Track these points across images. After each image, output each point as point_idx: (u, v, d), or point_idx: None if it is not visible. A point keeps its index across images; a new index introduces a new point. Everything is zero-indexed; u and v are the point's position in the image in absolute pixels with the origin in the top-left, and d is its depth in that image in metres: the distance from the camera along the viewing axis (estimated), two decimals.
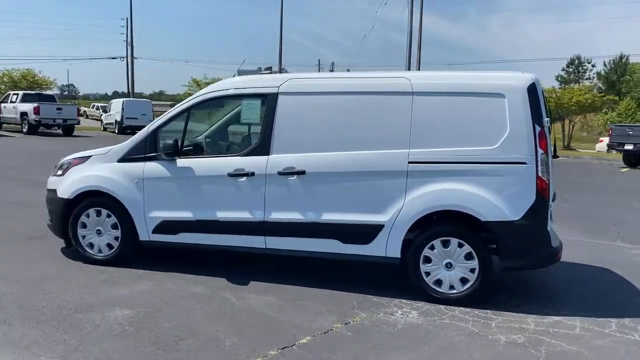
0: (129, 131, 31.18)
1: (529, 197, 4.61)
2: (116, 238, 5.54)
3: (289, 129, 5.07)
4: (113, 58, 62.11)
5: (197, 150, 5.50)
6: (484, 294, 4.80)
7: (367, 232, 4.90)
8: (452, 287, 4.79)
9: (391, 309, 4.64)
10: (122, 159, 5.50)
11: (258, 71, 42.29)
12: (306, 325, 4.23)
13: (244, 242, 5.23)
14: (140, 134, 5.51)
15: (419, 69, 30.27)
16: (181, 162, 5.29)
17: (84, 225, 5.61)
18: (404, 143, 4.81)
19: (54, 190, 5.76)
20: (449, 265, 4.78)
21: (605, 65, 43.16)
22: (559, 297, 5.16)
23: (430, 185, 4.75)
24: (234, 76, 5.82)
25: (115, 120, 31.28)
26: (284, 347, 3.83)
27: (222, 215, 5.20)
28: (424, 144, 4.78)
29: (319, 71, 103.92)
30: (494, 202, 4.63)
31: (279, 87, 5.15)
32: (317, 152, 4.99)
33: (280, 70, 40.46)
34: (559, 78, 56.07)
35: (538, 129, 4.62)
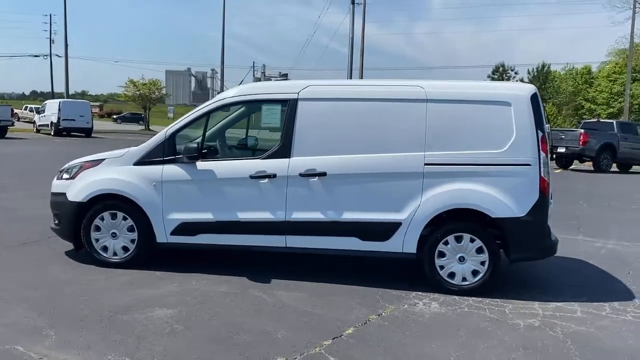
0: (64, 133, 30.12)
1: (533, 195, 5.11)
2: (132, 241, 5.59)
3: (309, 133, 5.32)
4: (36, 56, 59.32)
5: (216, 153, 5.63)
6: (492, 285, 5.25)
7: (385, 230, 5.24)
8: (464, 279, 5.21)
9: (412, 301, 5.00)
10: (139, 162, 5.56)
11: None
12: (344, 318, 4.51)
13: (264, 241, 5.43)
14: (157, 138, 5.59)
15: (361, 76, 31.05)
16: (201, 165, 5.41)
17: (98, 229, 5.62)
18: (420, 146, 5.19)
19: (63, 194, 5.72)
20: (461, 259, 5.20)
21: (529, 73, 45.97)
22: (552, 285, 5.70)
23: (444, 186, 5.15)
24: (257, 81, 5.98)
25: (51, 122, 30.03)
26: (334, 338, 4.10)
27: (243, 216, 5.38)
28: (438, 147, 5.18)
29: (253, 74, 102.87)
30: (502, 200, 5.09)
31: (298, 93, 5.40)
32: (338, 154, 5.27)
33: (223, 73, 40.22)
34: None
35: (540, 134, 5.13)
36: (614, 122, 22.24)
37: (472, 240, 5.18)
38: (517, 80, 56.63)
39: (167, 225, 5.49)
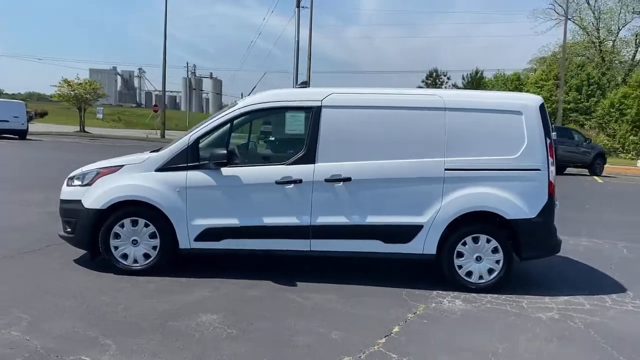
0: None
1: (543, 198, 5.53)
2: (154, 247, 5.55)
3: (332, 140, 5.49)
4: None
5: (239, 159, 5.67)
6: (505, 282, 5.62)
7: (407, 232, 5.50)
8: (481, 277, 5.55)
9: (437, 299, 5.28)
10: (162, 169, 5.53)
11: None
12: (385, 317, 4.73)
13: (288, 245, 5.55)
14: (180, 144, 5.58)
15: (309, 78, 31.32)
16: (227, 170, 5.46)
17: (117, 236, 5.54)
18: (440, 152, 5.49)
19: (77, 201, 5.60)
20: (478, 259, 5.54)
21: (463, 78, 48.01)
22: (552, 281, 6.14)
23: (463, 190, 5.47)
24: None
25: None
26: (386, 336, 4.30)
27: (269, 220, 5.48)
28: (457, 153, 5.49)
29: (187, 74, 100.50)
30: (516, 202, 5.48)
31: (322, 100, 5.56)
32: (361, 160, 5.48)
33: (165, 71, 39.27)
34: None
35: (548, 140, 5.56)
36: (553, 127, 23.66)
37: (488, 241, 5.53)
38: (450, 86, 58.87)
39: (191, 231, 5.50)
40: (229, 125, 5.60)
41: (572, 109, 41.23)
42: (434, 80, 61.20)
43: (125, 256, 5.57)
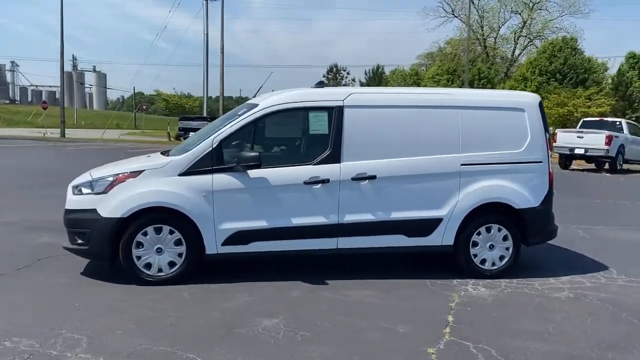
0: None
1: (544, 187, 6.03)
2: (179, 255, 5.35)
3: (355, 139, 5.60)
4: None
5: (265, 160, 5.57)
6: (514, 267, 6.06)
7: (428, 226, 5.75)
8: (493, 264, 5.94)
9: (462, 287, 5.59)
10: (185, 173, 5.33)
11: None
12: (431, 308, 4.95)
13: (316, 245, 5.59)
14: (202, 146, 5.40)
15: (222, 74, 30.78)
16: (254, 172, 5.38)
17: (140, 245, 5.28)
18: (455, 148, 5.79)
19: (92, 210, 5.26)
20: (491, 247, 5.92)
21: (366, 74, 49.53)
22: (542, 264, 6.65)
23: (478, 183, 5.82)
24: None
25: None
26: (447, 325, 4.53)
27: (297, 221, 5.49)
28: (470, 149, 5.83)
29: (73, 67, 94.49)
30: (523, 193, 5.92)
31: (343, 100, 5.65)
32: (383, 158, 5.64)
33: (62, 65, 36.63)
34: (321, 84, 61.74)
35: (547, 135, 6.06)
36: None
37: (499, 230, 5.93)
38: (350, 81, 60.37)
39: (218, 236, 5.37)
40: (253, 126, 5.52)
41: None
42: (334, 75, 62.45)
43: (148, 266, 5.32)
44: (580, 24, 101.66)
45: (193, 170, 5.35)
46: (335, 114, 5.61)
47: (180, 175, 5.34)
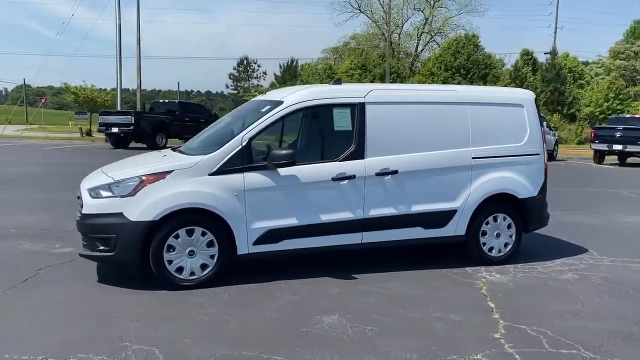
0: None
1: (541, 178, 6.49)
2: (211, 256, 5.20)
3: (377, 135, 5.72)
4: None
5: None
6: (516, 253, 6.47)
7: (444, 217, 6.01)
8: (499, 251, 6.32)
9: (479, 275, 5.90)
10: (216, 172, 5.18)
11: None
12: (468, 296, 5.19)
13: (342, 240, 5.65)
14: (232, 145, 5.26)
15: (139, 65, 29.43)
16: (284, 170, 5.34)
17: (171, 249, 5.07)
18: (466, 143, 6.08)
19: (118, 214, 4.97)
20: (497, 235, 6.29)
21: (280, 67, 49.36)
22: (537, 250, 7.03)
23: (487, 175, 6.16)
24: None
25: None
26: (492, 311, 4.79)
27: (326, 217, 5.52)
28: (479, 143, 6.14)
29: None
30: (525, 183, 6.34)
31: (364, 97, 5.73)
32: (404, 153, 5.81)
33: None
34: (232, 76, 60.93)
35: (541, 129, 6.52)
36: None
37: (504, 219, 6.31)
38: (262, 73, 59.95)
39: (250, 235, 5.27)
40: (280, 123, 5.46)
41: None
42: (245, 68, 61.72)
43: (180, 269, 5.12)
44: (478, 22, 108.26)
45: (224, 169, 5.21)
46: (358, 110, 5.68)
47: (210, 175, 5.18)
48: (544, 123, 21.78)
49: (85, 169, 7.40)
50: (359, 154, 5.63)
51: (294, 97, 5.61)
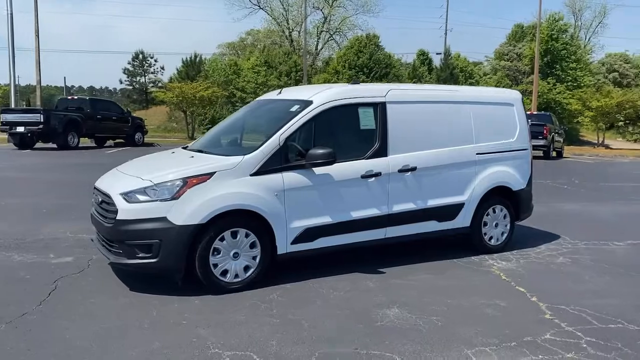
0: None
1: (529, 171, 7.07)
2: (254, 258, 5.14)
3: (397, 133, 5.93)
4: None
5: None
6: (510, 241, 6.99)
7: (454, 210, 6.36)
8: (497, 240, 6.80)
9: (488, 262, 6.32)
10: (257, 173, 5.12)
11: None
12: (496, 283, 5.57)
13: (369, 236, 5.81)
14: (270, 145, 5.22)
15: (38, 56, 27.29)
16: (319, 169, 5.39)
17: (217, 252, 4.95)
18: (471, 140, 6.48)
19: (161, 219, 4.77)
20: (496, 225, 6.77)
21: (183, 62, 47.78)
22: (520, 237, 7.53)
23: (488, 170, 6.60)
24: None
25: None
26: (527, 294, 5.18)
27: (356, 214, 5.65)
28: (481, 139, 6.57)
29: None
30: (517, 176, 6.88)
31: (385, 96, 5.93)
32: (420, 150, 6.08)
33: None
34: (126, 71, 58.17)
35: (528, 126, 7.09)
36: None
37: (501, 210, 6.80)
38: (159, 68, 57.78)
39: (289, 235, 5.28)
40: (312, 123, 5.49)
41: None
42: (140, 62, 59.18)
43: (225, 273, 5.01)
44: (376, 23, 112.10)
45: (264, 169, 5.16)
46: (380, 109, 5.86)
47: (251, 175, 5.11)
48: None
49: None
50: (382, 151, 5.81)
51: (323, 96, 5.66)
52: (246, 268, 5.12)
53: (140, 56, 58.75)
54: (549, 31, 46.53)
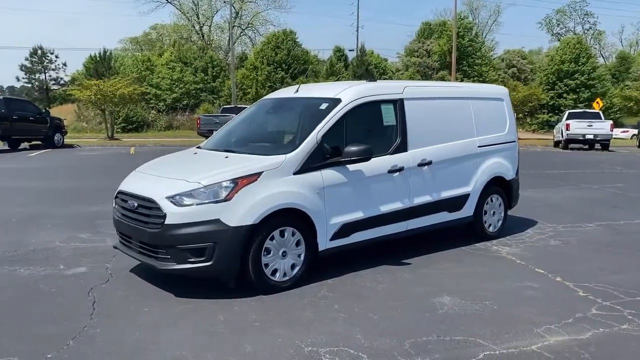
0: None
1: (517, 162, 7.58)
2: (299, 255, 5.16)
3: (414, 128, 6.15)
4: None
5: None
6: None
7: (462, 201, 6.70)
8: (494, 227, 7.24)
9: (493, 249, 6.72)
10: (299, 171, 5.14)
11: None
12: (517, 267, 5.95)
13: (394, 229, 5.99)
14: (309, 143, 5.23)
15: None
16: (352, 166, 5.48)
17: (267, 251, 4.93)
18: (473, 133, 6.84)
19: (214, 221, 4.68)
20: (493, 213, 7.20)
21: (91, 58, 45.21)
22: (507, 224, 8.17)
23: (487, 162, 7.00)
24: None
25: None
26: (550, 274, 5.60)
27: (384, 208, 5.81)
28: (480, 133, 6.95)
29: None
30: (509, 167, 7.35)
31: (402, 93, 6.13)
32: (434, 145, 6.34)
33: None
34: (24, 68, 54.39)
35: (514, 119, 7.59)
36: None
37: (497, 199, 7.24)
38: (61, 65, 54.48)
39: (329, 231, 5.34)
40: (344, 120, 5.56)
41: (202, 89, 44.51)
42: (39, 59, 55.47)
43: (274, 272, 4.99)
44: (290, 19, 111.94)
45: (305, 168, 5.18)
46: (398, 105, 6.05)
47: (295, 174, 5.12)
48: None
49: None
50: (403, 147, 6.01)
51: (351, 94, 5.74)
52: (292, 266, 5.12)
53: (39, 52, 55.05)
54: (456, 29, 48.94)
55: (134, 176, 5.51)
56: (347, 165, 5.44)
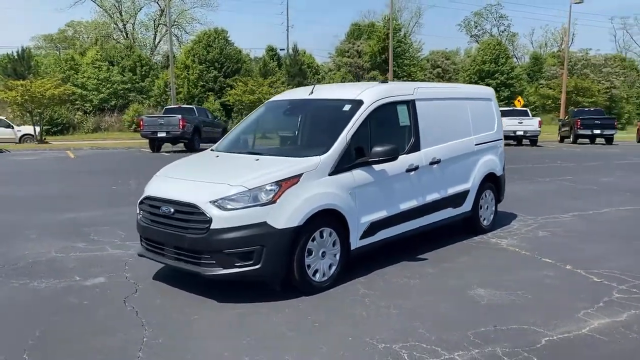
0: None
1: (503, 159, 7.98)
2: (334, 255, 5.22)
3: (425, 128, 6.35)
4: None
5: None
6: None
7: (463, 197, 6.99)
8: (488, 221, 7.60)
9: (493, 241, 7.05)
10: (334, 172, 5.19)
11: None
12: (520, 258, 6.28)
13: (410, 226, 6.16)
14: (340, 144, 5.29)
15: None
16: (377, 165, 5.60)
17: (309, 252, 4.95)
18: (470, 132, 7.16)
19: (261, 224, 4.65)
20: (487, 208, 7.56)
21: (8, 56, 42.33)
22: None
23: (482, 159, 7.34)
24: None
25: None
26: (558, 263, 5.97)
27: (403, 206, 5.98)
28: (475, 132, 7.28)
29: None
30: (498, 164, 7.74)
31: (413, 94, 6.32)
32: (441, 143, 6.58)
33: None
34: None
35: (500, 118, 8.00)
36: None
37: (489, 194, 7.60)
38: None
39: (359, 231, 5.43)
40: (368, 121, 5.66)
41: (130, 89, 42.97)
42: None
43: (315, 272, 5.02)
44: (219, 18, 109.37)
45: (339, 168, 5.24)
46: (411, 106, 6.24)
47: (330, 175, 5.17)
48: None
49: None
50: (416, 146, 6.20)
51: (371, 95, 5.83)
52: (330, 266, 5.17)
53: None
54: (385, 30, 50.08)
55: (162, 181, 5.34)
56: (373, 165, 5.55)
